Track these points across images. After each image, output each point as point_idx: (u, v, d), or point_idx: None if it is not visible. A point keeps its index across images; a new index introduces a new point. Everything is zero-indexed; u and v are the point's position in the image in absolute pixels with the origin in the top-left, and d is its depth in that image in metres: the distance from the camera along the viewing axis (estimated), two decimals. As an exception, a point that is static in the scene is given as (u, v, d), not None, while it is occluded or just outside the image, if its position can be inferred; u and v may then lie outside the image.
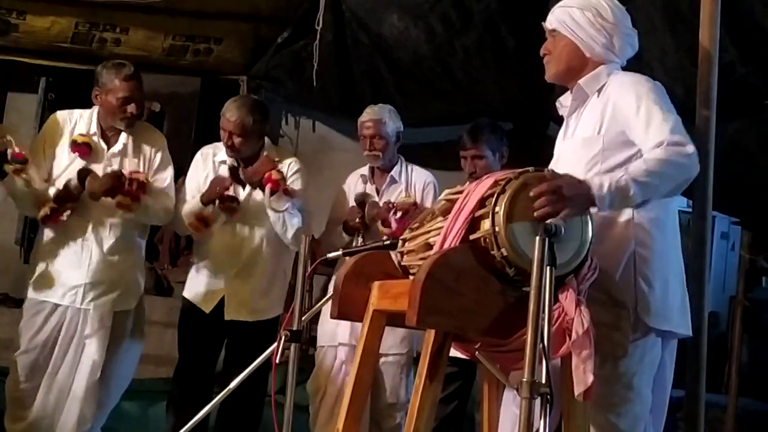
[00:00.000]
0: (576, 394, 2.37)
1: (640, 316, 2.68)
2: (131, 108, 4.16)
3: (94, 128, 4.23)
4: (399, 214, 4.34)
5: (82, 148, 4.18)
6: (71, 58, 6.56)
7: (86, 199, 4.09)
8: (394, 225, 4.27)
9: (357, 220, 4.40)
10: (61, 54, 6.53)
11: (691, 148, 2.58)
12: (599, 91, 2.86)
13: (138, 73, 4.21)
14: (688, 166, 2.59)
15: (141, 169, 4.22)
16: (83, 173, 4.08)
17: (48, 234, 4.22)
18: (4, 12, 5.70)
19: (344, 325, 4.29)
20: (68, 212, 4.11)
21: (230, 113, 4.31)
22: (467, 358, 2.88)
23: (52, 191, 4.10)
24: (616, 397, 2.68)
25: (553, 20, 2.94)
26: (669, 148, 2.56)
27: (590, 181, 2.46)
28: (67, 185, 4.08)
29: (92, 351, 4.12)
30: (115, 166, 4.20)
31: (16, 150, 3.89)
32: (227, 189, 4.29)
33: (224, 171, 4.40)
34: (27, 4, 5.98)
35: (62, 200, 4.07)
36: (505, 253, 2.36)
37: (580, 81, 2.89)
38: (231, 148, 4.33)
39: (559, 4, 2.95)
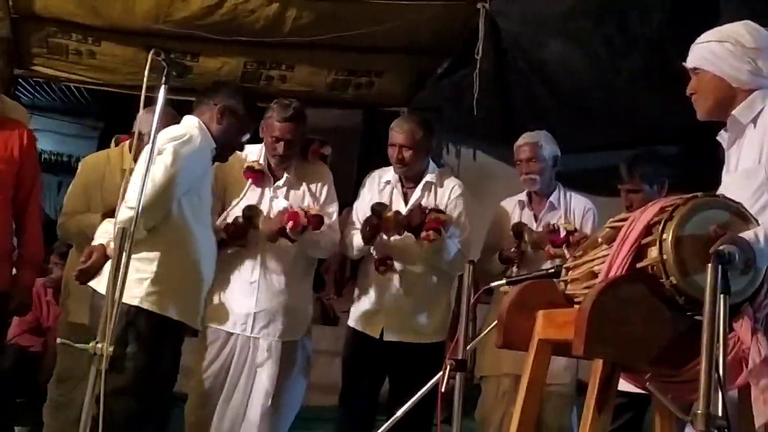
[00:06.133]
0: (757, 426, 2.26)
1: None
2: (280, 148, 4.27)
3: (262, 161, 4.39)
4: (564, 232, 4.28)
5: (256, 174, 4.33)
6: (240, 95, 6.83)
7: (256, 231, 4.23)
8: (567, 254, 4.21)
9: (513, 249, 4.34)
10: (231, 92, 6.80)
11: None
12: (755, 120, 2.75)
13: (297, 115, 4.29)
14: None
15: (306, 203, 4.33)
16: (248, 211, 4.22)
17: (222, 264, 4.38)
18: (179, 55, 6.00)
19: (507, 354, 4.25)
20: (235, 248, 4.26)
21: (399, 127, 4.38)
22: (638, 389, 2.80)
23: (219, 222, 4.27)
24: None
25: (693, 59, 2.90)
26: None
27: (745, 236, 2.32)
28: (235, 223, 4.23)
29: (263, 379, 4.24)
30: (281, 198, 4.33)
31: None
32: (377, 233, 4.30)
33: (389, 192, 4.45)
34: (199, 46, 6.28)
35: (234, 237, 4.22)
36: (674, 281, 2.29)
37: (734, 112, 2.80)
38: (401, 162, 4.37)
39: (696, 41, 2.91)
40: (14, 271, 4.14)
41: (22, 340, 5.58)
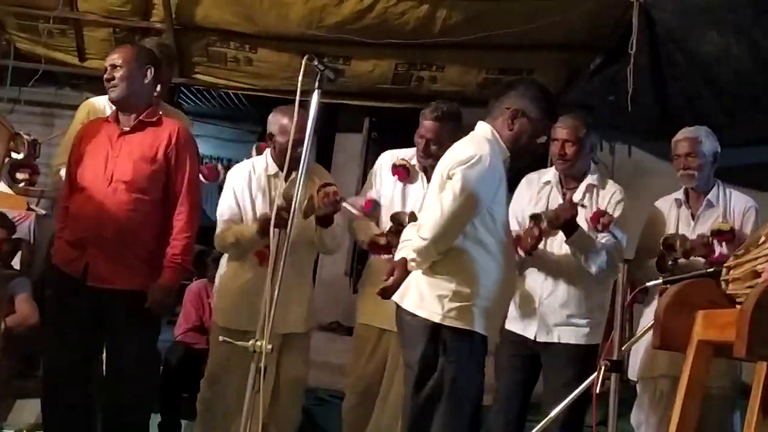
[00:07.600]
0: None
1: None
2: (422, 145, 4.34)
3: (414, 161, 4.45)
4: (718, 251, 4.12)
5: (400, 170, 4.43)
6: (391, 97, 6.93)
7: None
8: (716, 253, 4.07)
9: (670, 263, 4.19)
10: (382, 94, 6.92)
11: None
12: None
13: (444, 116, 4.32)
14: None
15: None
16: (396, 218, 4.30)
17: (373, 264, 4.45)
18: (332, 59, 6.14)
19: (662, 355, 4.13)
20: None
21: (563, 122, 4.27)
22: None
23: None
24: None
25: None
26: None
27: None
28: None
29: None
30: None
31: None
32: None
33: (548, 193, 4.39)
34: (351, 49, 6.41)
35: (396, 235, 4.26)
36: (843, 281, 2.18)
37: None
38: (562, 158, 4.29)
39: None
40: None
41: (187, 338, 5.81)
